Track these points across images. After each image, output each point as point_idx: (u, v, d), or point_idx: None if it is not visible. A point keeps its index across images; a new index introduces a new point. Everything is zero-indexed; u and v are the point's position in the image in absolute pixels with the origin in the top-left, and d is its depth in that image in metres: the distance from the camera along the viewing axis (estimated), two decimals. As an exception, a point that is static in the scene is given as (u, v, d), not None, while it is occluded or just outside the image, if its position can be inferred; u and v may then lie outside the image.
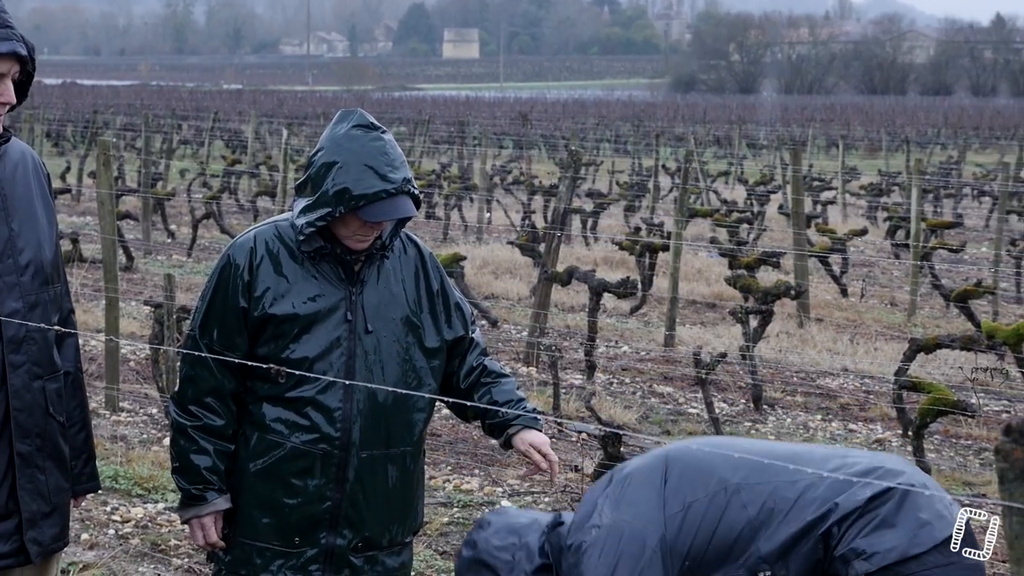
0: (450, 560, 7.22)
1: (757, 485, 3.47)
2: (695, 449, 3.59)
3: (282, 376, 4.01)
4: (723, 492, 3.48)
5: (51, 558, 3.97)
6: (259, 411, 4.06)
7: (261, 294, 4.03)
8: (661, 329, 14.22)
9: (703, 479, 3.52)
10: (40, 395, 3.86)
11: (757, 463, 3.50)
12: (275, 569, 4.05)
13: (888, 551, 3.30)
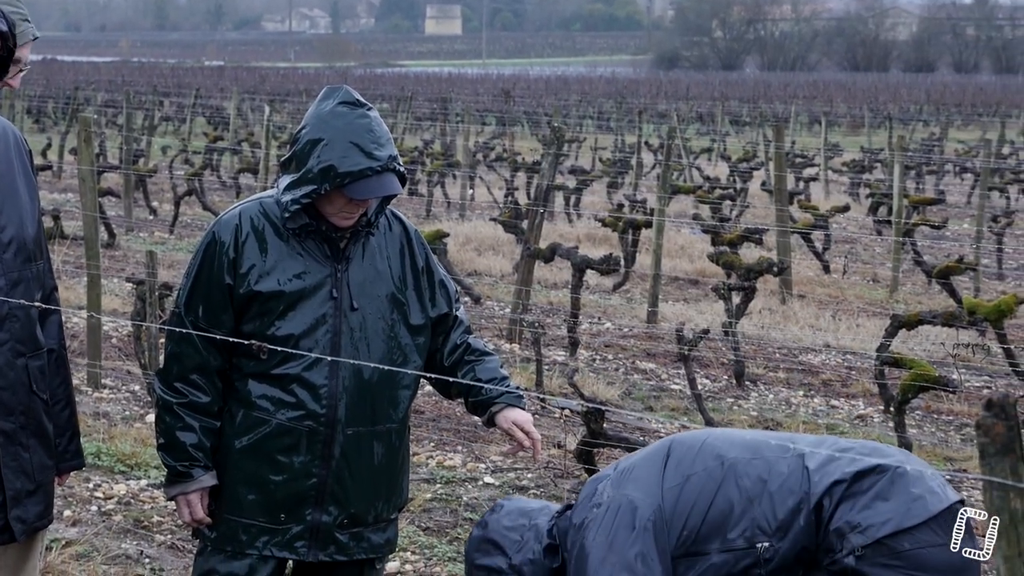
0: (433, 536, 7.24)
1: (753, 460, 3.52)
2: (697, 433, 3.66)
3: (263, 352, 4.01)
4: (720, 466, 3.53)
5: (35, 535, 3.97)
6: (245, 388, 4.06)
7: (246, 271, 4.03)
8: (644, 305, 14.24)
9: (701, 455, 3.59)
10: (23, 373, 3.85)
11: (752, 442, 3.55)
12: (260, 545, 4.06)
13: (882, 523, 3.32)
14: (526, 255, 12.79)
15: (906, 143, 18.68)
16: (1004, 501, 1.99)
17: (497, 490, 8.13)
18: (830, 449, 3.50)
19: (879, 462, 3.41)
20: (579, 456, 8.36)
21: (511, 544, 3.81)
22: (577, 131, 40.38)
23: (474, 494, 8.04)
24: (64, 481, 4.22)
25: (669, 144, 15.00)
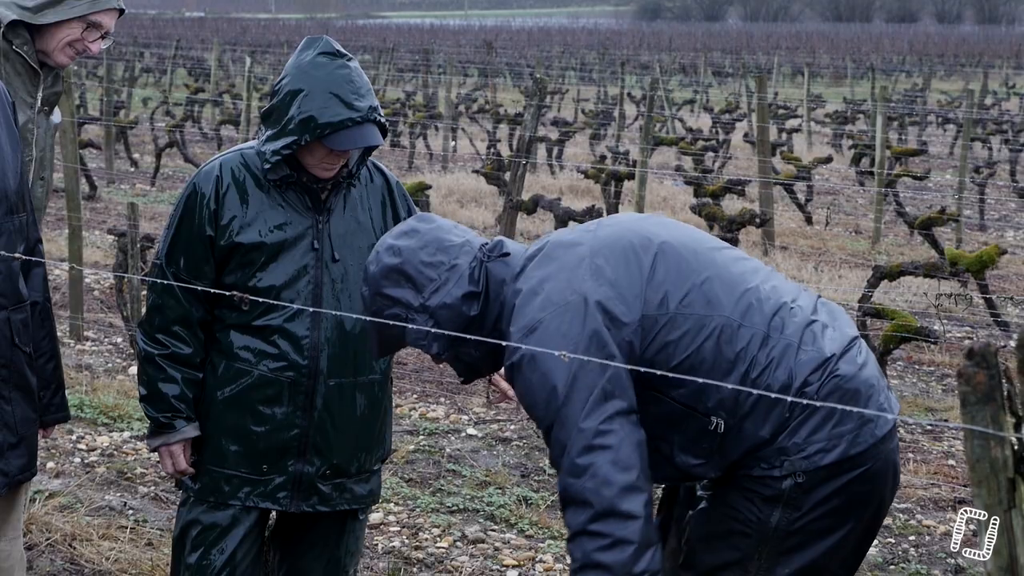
0: (416, 487, 7.27)
1: (741, 328, 3.32)
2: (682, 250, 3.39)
3: (245, 303, 4.01)
4: (708, 322, 3.31)
5: (18, 488, 3.97)
6: (227, 339, 4.06)
7: (228, 222, 4.02)
8: (626, 257, 14.22)
9: (691, 295, 3.34)
10: (5, 326, 3.84)
11: (744, 298, 3.36)
12: (243, 496, 4.07)
13: (828, 451, 3.26)
14: (508, 207, 12.77)
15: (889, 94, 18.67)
16: (985, 450, 2.00)
17: (480, 441, 8.15)
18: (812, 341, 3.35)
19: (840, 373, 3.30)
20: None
21: (426, 281, 3.46)
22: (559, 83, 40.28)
23: (457, 446, 8.06)
24: (49, 434, 4.21)
25: (651, 96, 14.96)
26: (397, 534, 6.59)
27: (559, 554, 6.41)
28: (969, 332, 11.36)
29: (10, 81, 4.60)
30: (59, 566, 5.98)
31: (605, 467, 3.19)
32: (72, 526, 6.30)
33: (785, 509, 3.30)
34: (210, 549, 4.12)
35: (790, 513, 3.30)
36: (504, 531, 6.72)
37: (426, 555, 6.34)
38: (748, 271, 3.50)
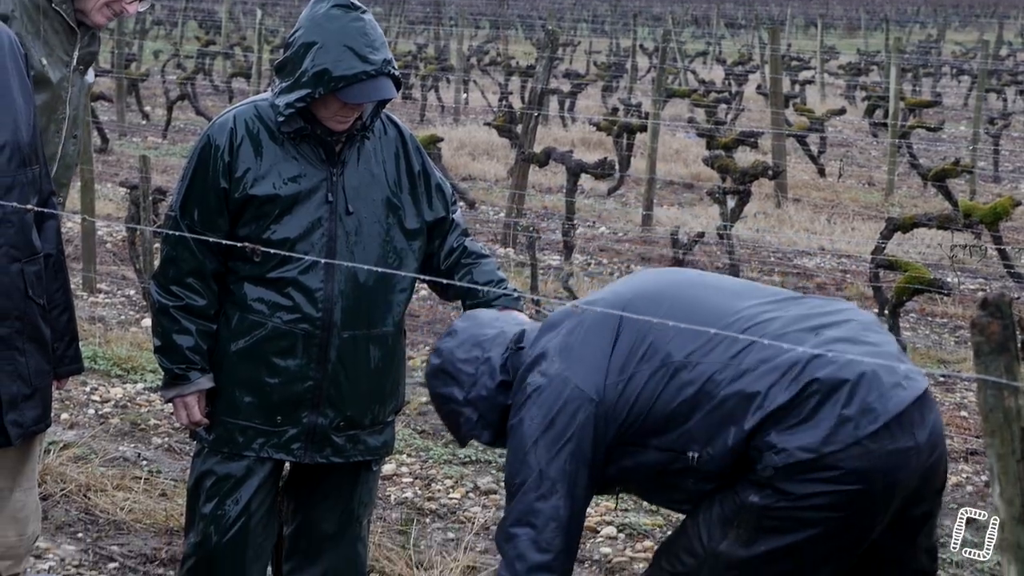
0: (428, 439, 7.29)
1: (699, 365, 3.45)
2: (647, 319, 3.50)
3: (257, 255, 4.01)
4: (665, 368, 3.46)
5: (33, 439, 3.99)
6: (241, 291, 4.06)
7: (242, 175, 4.02)
8: (639, 210, 14.22)
9: (649, 352, 3.51)
10: (19, 278, 3.84)
11: (705, 334, 3.46)
12: (257, 447, 4.08)
13: (798, 448, 3.29)
14: (520, 159, 12.75)
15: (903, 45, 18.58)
16: (998, 400, 1.99)
17: (493, 393, 8.16)
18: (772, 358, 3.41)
19: (819, 376, 3.31)
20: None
21: (466, 377, 3.77)
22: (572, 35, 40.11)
23: (470, 397, 8.07)
24: (63, 386, 4.23)
25: (664, 47, 14.91)
26: (410, 485, 6.61)
27: (571, 505, 6.42)
28: (983, 284, 11.35)
29: (47, 39, 4.60)
30: (74, 516, 6.01)
31: (525, 543, 3.53)
32: (86, 477, 6.33)
33: (764, 493, 3.35)
34: (225, 499, 4.13)
35: (771, 497, 3.34)
36: (516, 482, 6.73)
37: (438, 506, 6.37)
38: (735, 301, 3.59)
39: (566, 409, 3.52)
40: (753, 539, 3.36)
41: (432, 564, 5.51)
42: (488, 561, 5.68)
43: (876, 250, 9.32)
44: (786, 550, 3.36)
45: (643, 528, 6.19)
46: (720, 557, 3.39)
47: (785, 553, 3.37)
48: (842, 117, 19.89)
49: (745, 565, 3.38)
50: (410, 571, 5.42)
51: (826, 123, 17.56)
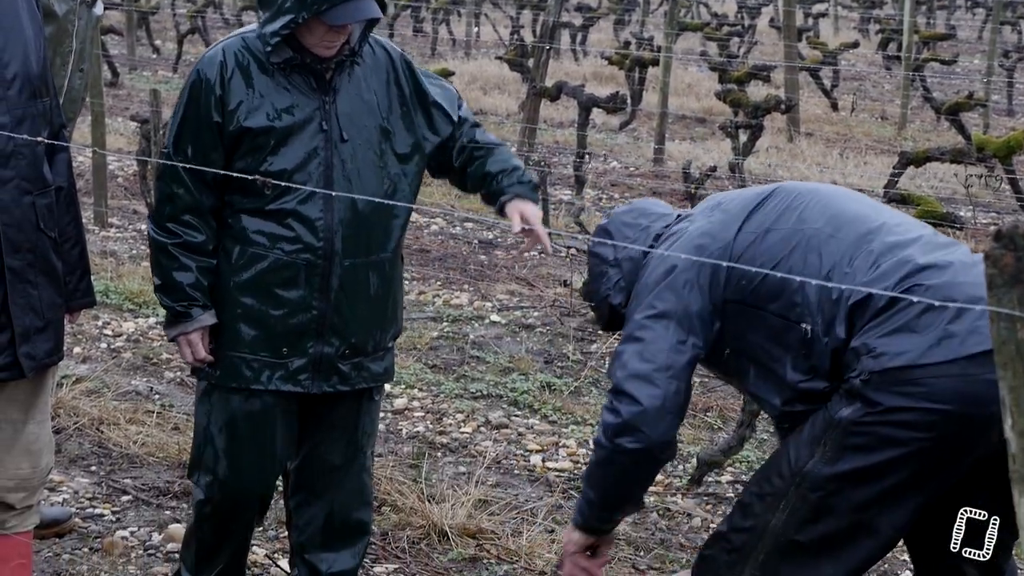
0: (440, 373, 7.31)
1: (831, 239, 3.47)
2: (800, 188, 3.65)
3: (268, 187, 3.99)
4: (798, 232, 3.51)
5: (46, 372, 4.00)
6: (240, 224, 4.05)
7: (235, 108, 3.99)
8: (650, 144, 14.18)
9: (787, 213, 3.57)
10: (30, 210, 3.83)
11: (847, 217, 3.51)
12: (265, 380, 4.08)
13: (897, 355, 3.24)
14: (532, 94, 12.70)
15: (917, -22, 18.39)
16: (1011, 332, 1.99)
17: (503, 328, 8.18)
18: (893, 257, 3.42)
19: (930, 284, 3.28)
20: (585, 294, 8.39)
21: (622, 239, 3.89)
22: (583, -33, 39.81)
23: (480, 332, 8.09)
24: (75, 319, 4.23)
25: (677, -21, 14.79)
26: (421, 419, 6.63)
27: (582, 439, 6.45)
28: (995, 218, 11.31)
29: None
30: (87, 449, 6.04)
31: (629, 354, 3.60)
32: (99, 410, 6.36)
33: (854, 406, 3.30)
34: (240, 437, 4.14)
35: (860, 410, 3.28)
36: (527, 417, 6.76)
37: (450, 440, 6.39)
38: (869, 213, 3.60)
39: (693, 244, 3.63)
40: (838, 457, 3.31)
41: (444, 498, 5.54)
42: (499, 495, 5.71)
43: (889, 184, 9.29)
44: (870, 471, 3.29)
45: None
46: (806, 477, 3.35)
47: (869, 474, 3.30)
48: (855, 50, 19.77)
49: (829, 484, 3.33)
50: (422, 505, 5.45)
51: (839, 56, 17.47)
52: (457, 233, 10.74)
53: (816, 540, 3.36)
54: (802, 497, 3.37)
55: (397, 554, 5.17)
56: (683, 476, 6.06)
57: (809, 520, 3.37)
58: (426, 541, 5.28)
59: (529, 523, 5.44)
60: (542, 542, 5.26)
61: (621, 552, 5.28)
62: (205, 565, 4.31)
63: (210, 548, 4.29)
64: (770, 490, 3.44)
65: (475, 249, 10.25)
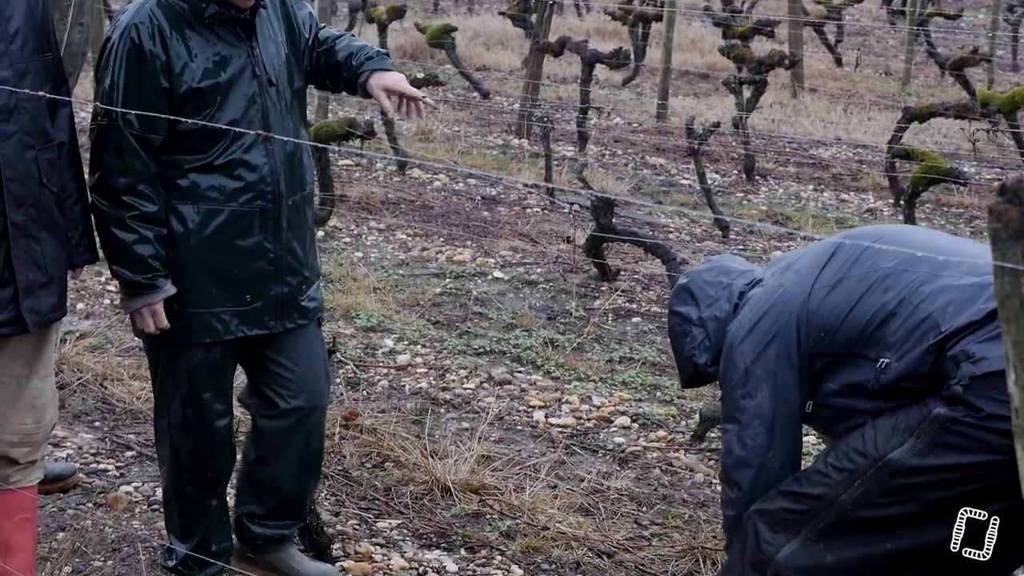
0: (443, 329, 7.31)
1: (904, 273, 3.51)
2: (868, 232, 3.71)
3: (270, 142, 4.05)
4: (872, 273, 3.54)
5: (49, 327, 3.99)
6: (190, 183, 4.05)
7: (180, 71, 3.99)
8: (654, 100, 14.14)
9: (860, 261, 3.61)
10: (33, 165, 3.82)
11: (918, 255, 3.52)
12: (234, 329, 4.15)
13: (997, 358, 3.23)
14: (535, 49, 12.65)
15: (922, -67, 18.30)
16: (1015, 287, 1.98)
17: (506, 284, 8.17)
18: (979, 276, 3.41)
19: None
20: (588, 250, 8.38)
21: (705, 298, 3.92)
22: (587, -78, 39.61)
23: (483, 288, 8.08)
24: (78, 275, 4.22)
25: (680, -66, 14.72)
26: (424, 375, 6.64)
27: (585, 395, 6.46)
28: (999, 173, 11.29)
29: None
30: (91, 405, 6.05)
31: (731, 438, 3.68)
32: (103, 366, 6.37)
33: (955, 408, 3.30)
34: (198, 382, 4.17)
35: (959, 411, 3.29)
36: (530, 373, 6.76)
37: (453, 396, 6.40)
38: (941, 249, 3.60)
39: (772, 310, 3.64)
40: (929, 451, 3.32)
41: (447, 453, 5.55)
42: (502, 451, 5.72)
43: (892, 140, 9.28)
44: (957, 469, 3.30)
45: (656, 418, 6.22)
46: (890, 463, 3.36)
47: (956, 473, 3.31)
48: (859, 5, 19.68)
49: (912, 475, 3.34)
50: (425, 460, 5.46)
51: (843, 12, 17.39)
52: (460, 189, 10.72)
53: (884, 519, 3.39)
54: (881, 480, 3.39)
55: (400, 509, 5.18)
56: (685, 432, 6.08)
57: (882, 503, 3.39)
58: (429, 496, 5.30)
59: (532, 479, 5.46)
60: (544, 497, 5.27)
61: (624, 508, 5.30)
62: (192, 526, 4.33)
63: (193, 502, 4.31)
64: (848, 466, 3.45)
65: (478, 205, 10.23)
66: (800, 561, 3.44)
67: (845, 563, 3.42)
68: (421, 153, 11.50)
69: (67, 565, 4.54)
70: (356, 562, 4.75)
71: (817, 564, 3.43)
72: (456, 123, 13.34)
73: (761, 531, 3.52)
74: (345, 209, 9.73)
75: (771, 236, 9.50)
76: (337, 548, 4.80)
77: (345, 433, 5.76)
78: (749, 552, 3.55)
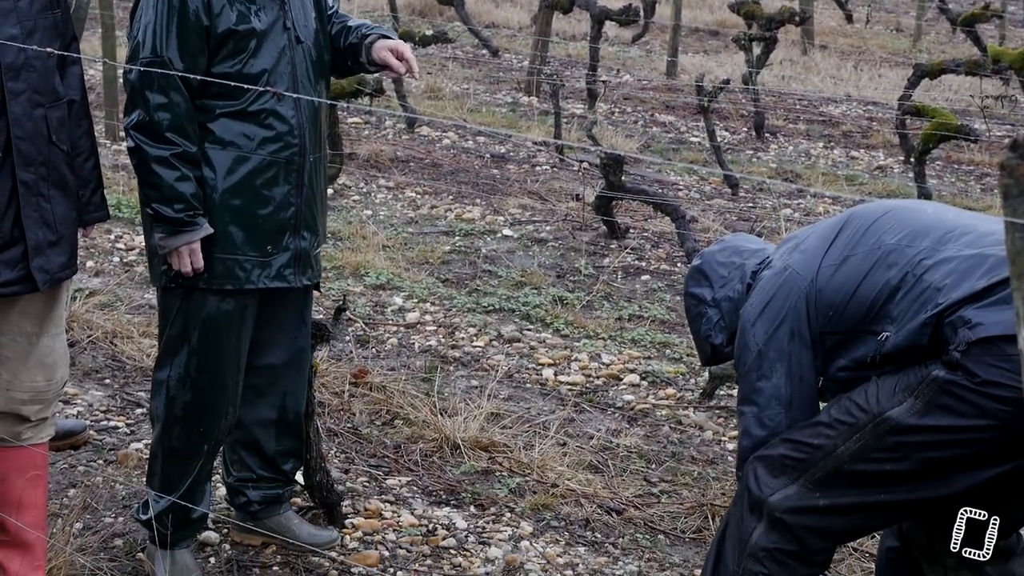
0: (452, 287, 7.31)
1: (907, 248, 3.55)
2: (873, 209, 3.70)
3: (281, 99, 4.05)
4: (876, 250, 3.57)
5: (60, 286, 4.00)
6: (222, 129, 4.08)
7: (219, 11, 4.03)
8: (663, 57, 14.09)
9: (865, 237, 3.63)
10: (42, 123, 3.82)
11: (922, 228, 3.58)
12: (255, 279, 4.17)
13: (992, 324, 3.30)
14: (544, 6, 12.60)
15: None
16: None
17: (516, 242, 8.17)
18: (978, 248, 3.46)
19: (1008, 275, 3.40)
20: (597, 208, 8.38)
21: (718, 279, 3.96)
22: None
23: (492, 246, 8.08)
24: (89, 233, 4.22)
25: None
26: (434, 333, 6.65)
27: (594, 353, 6.46)
28: (1010, 131, 11.25)
29: None
30: (101, 362, 6.07)
31: (750, 420, 3.68)
32: (113, 324, 6.38)
33: (952, 371, 3.36)
34: (209, 333, 4.17)
35: (958, 375, 3.34)
36: (539, 331, 6.77)
37: (462, 354, 6.41)
38: (946, 224, 3.63)
39: (781, 292, 3.66)
40: (926, 411, 3.38)
41: (456, 411, 5.56)
42: (511, 408, 5.74)
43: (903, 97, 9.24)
44: (953, 431, 3.36)
45: (665, 376, 6.23)
46: (889, 420, 3.43)
47: (951, 435, 3.37)
48: (871, -38, 19.56)
49: (908, 434, 3.40)
50: (434, 418, 5.47)
51: (854, -32, 17.28)
52: (469, 147, 10.71)
53: (878, 474, 3.46)
54: (879, 436, 3.45)
55: (410, 467, 5.20)
56: (695, 390, 6.08)
57: (878, 458, 3.45)
58: (439, 454, 5.31)
59: (541, 436, 5.47)
60: (554, 455, 5.29)
61: (633, 465, 5.31)
62: (174, 484, 4.30)
63: (179, 459, 4.29)
64: (848, 420, 3.51)
65: (487, 163, 10.22)
66: (793, 503, 3.51)
67: (837, 507, 3.49)
68: (430, 111, 11.48)
69: (78, 521, 4.56)
70: (366, 519, 4.77)
71: (809, 506, 3.50)
72: (465, 81, 13.31)
73: (761, 475, 3.58)
74: (354, 167, 9.72)
75: (781, 193, 9.49)
76: (347, 505, 4.82)
77: (354, 391, 5.77)
78: (748, 495, 3.58)
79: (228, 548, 4.55)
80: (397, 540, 4.65)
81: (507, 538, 4.72)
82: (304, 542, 4.52)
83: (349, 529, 4.69)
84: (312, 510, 4.75)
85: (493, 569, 4.49)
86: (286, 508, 4.60)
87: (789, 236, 3.93)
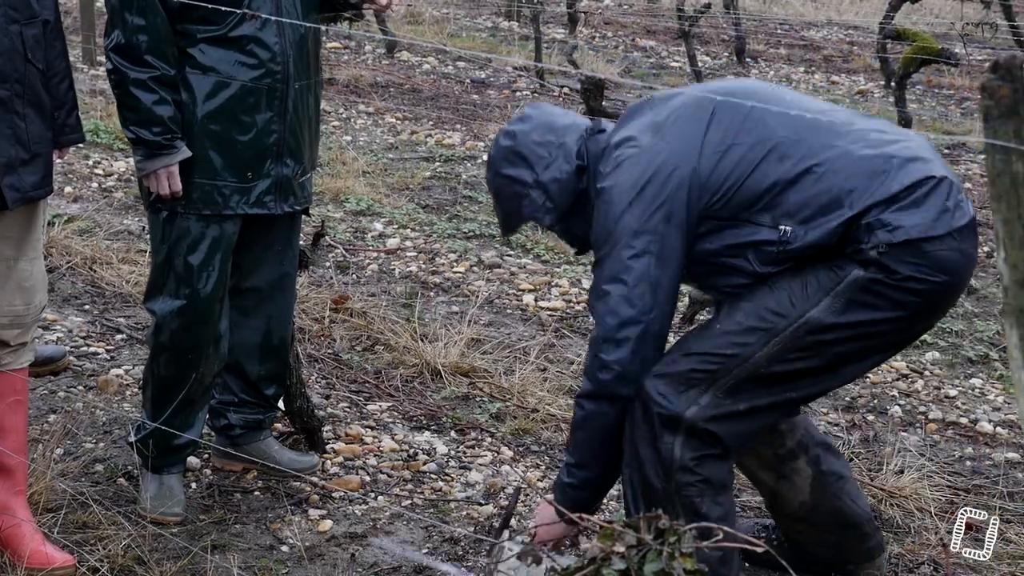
0: (432, 213, 7.30)
1: (798, 142, 3.56)
2: (745, 103, 3.63)
3: (258, 22, 4.01)
4: (764, 143, 3.56)
5: (35, 207, 3.97)
6: (203, 54, 4.06)
7: None
8: (644, -19, 14.00)
9: (748, 128, 3.60)
10: (18, 40, 3.78)
11: (805, 121, 3.59)
12: (234, 205, 4.15)
13: (912, 227, 3.44)
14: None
15: None
16: (1006, 164, 1.97)
17: (496, 167, 8.15)
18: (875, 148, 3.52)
19: (925, 175, 3.49)
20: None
21: (538, 160, 3.83)
22: None
23: (473, 172, 8.06)
24: (64, 155, 4.19)
25: None
26: (414, 259, 6.64)
27: (574, 278, 6.46)
28: (991, 55, 11.23)
29: None
30: (80, 288, 6.05)
31: (616, 299, 3.59)
32: (92, 250, 6.36)
33: (870, 269, 3.48)
34: (208, 259, 4.17)
35: (876, 273, 3.47)
36: (520, 256, 6.77)
37: (443, 279, 6.40)
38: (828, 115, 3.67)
39: (659, 174, 3.60)
40: (845, 309, 3.51)
41: (436, 337, 5.57)
42: (492, 334, 5.74)
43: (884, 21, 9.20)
44: (869, 325, 3.52)
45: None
46: (809, 321, 3.52)
47: (864, 328, 3.52)
48: None
49: (826, 332, 3.52)
50: (415, 343, 5.48)
51: None
52: (449, 72, 10.65)
53: (790, 373, 3.56)
54: (798, 337, 3.54)
55: (390, 392, 5.21)
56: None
57: (792, 358, 3.55)
58: (419, 379, 5.32)
59: (522, 361, 5.48)
60: (534, 380, 5.30)
61: (613, 389, 5.33)
62: (160, 406, 4.32)
63: (166, 386, 4.30)
64: (763, 325, 3.56)
65: (467, 88, 10.17)
66: (712, 412, 3.55)
67: (756, 408, 3.58)
68: (410, 35, 11.40)
69: (59, 447, 4.56)
70: (347, 444, 4.79)
71: (730, 412, 3.56)
72: (445, 5, 13.22)
73: (665, 392, 3.56)
74: (334, 92, 9.67)
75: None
76: (328, 431, 4.83)
77: (335, 317, 5.77)
78: (658, 414, 3.57)
79: (209, 473, 4.56)
80: (378, 465, 4.66)
81: (488, 462, 4.74)
82: (285, 467, 4.54)
83: (330, 454, 4.70)
84: (293, 436, 4.75)
85: (474, 493, 4.51)
86: (267, 435, 4.61)
87: (635, 109, 3.82)
